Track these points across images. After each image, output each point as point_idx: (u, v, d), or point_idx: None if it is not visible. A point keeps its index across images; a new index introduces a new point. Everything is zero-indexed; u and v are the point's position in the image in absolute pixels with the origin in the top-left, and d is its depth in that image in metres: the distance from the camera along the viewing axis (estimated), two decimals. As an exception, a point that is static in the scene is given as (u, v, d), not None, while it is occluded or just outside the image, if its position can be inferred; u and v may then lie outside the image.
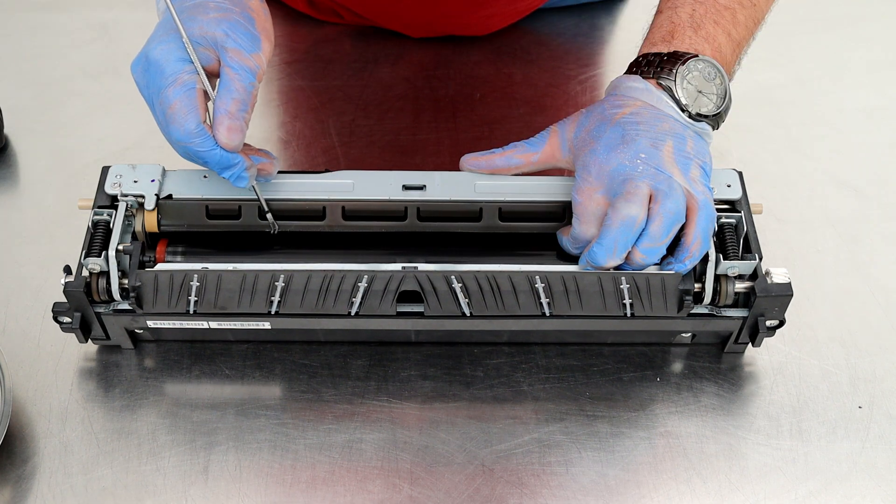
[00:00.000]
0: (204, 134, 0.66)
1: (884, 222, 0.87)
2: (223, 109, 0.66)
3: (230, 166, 0.68)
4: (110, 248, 0.71)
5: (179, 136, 0.66)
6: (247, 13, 0.68)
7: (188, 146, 0.67)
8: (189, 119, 0.66)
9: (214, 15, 0.67)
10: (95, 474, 0.70)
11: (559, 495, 0.69)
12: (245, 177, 0.69)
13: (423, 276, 0.70)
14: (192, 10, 0.67)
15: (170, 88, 0.66)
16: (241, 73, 0.66)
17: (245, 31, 0.67)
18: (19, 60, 1.02)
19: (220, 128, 0.66)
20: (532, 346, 0.77)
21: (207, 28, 0.66)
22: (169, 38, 0.67)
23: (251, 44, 0.67)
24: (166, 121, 0.66)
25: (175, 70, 0.66)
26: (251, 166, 0.70)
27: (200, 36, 0.66)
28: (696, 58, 0.72)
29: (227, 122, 0.66)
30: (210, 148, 0.67)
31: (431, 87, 1.00)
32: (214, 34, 0.66)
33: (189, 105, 0.66)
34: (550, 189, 0.76)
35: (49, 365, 0.76)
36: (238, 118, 0.66)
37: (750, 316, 0.72)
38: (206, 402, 0.74)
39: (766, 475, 0.70)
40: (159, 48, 0.66)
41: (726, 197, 0.75)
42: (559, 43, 1.05)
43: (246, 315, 0.71)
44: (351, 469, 0.70)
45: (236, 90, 0.66)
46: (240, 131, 0.67)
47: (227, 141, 0.66)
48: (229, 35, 0.66)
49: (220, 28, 0.66)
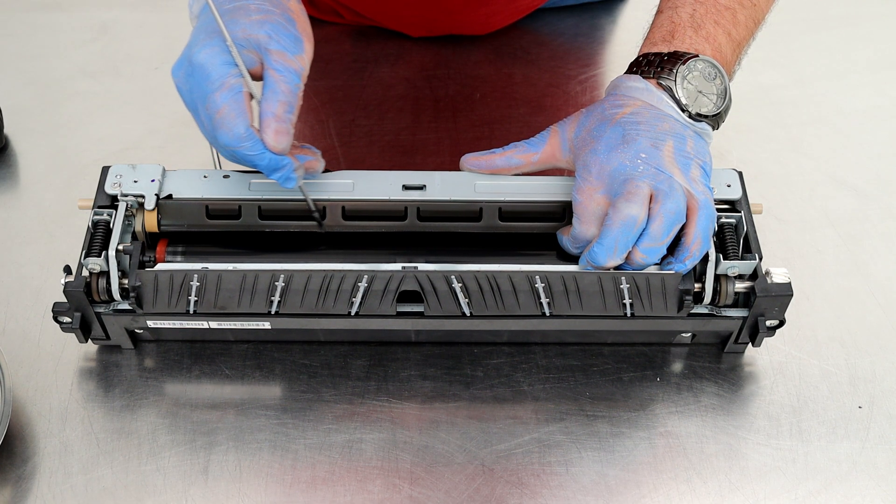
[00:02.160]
0: (253, 138, 0.66)
1: (884, 222, 0.87)
2: (270, 112, 0.66)
3: (279, 168, 0.68)
4: (110, 248, 0.70)
5: (228, 140, 0.66)
6: (287, 14, 0.68)
7: (237, 150, 0.66)
8: (238, 123, 0.65)
9: (256, 17, 0.66)
10: (95, 474, 0.70)
11: (559, 495, 0.69)
12: (293, 178, 0.69)
13: (423, 276, 0.70)
14: (232, 13, 0.67)
15: (217, 93, 0.65)
16: (286, 74, 0.66)
17: (287, 32, 0.66)
18: (19, 60, 1.02)
19: (267, 131, 0.66)
20: (532, 346, 0.77)
21: (250, 30, 0.66)
22: (212, 41, 0.66)
23: (294, 45, 0.66)
24: (214, 126, 0.66)
25: (221, 74, 0.65)
26: (299, 167, 0.69)
27: (244, 38, 0.66)
28: (696, 58, 0.72)
29: (275, 124, 0.66)
30: (259, 151, 0.66)
31: (431, 87, 1.00)
32: (258, 36, 0.66)
33: (237, 109, 0.65)
34: (550, 189, 0.76)
35: (49, 365, 0.76)
36: (285, 120, 0.66)
37: (750, 316, 0.72)
38: (206, 402, 0.74)
39: (766, 475, 0.70)
40: (203, 52, 0.66)
41: (726, 197, 0.75)
42: (559, 43, 1.05)
43: (246, 315, 0.71)
44: (351, 469, 0.70)
45: (282, 92, 0.66)
46: (287, 134, 0.66)
47: (274, 144, 0.66)
48: (272, 37, 0.66)
49: (263, 30, 0.66)
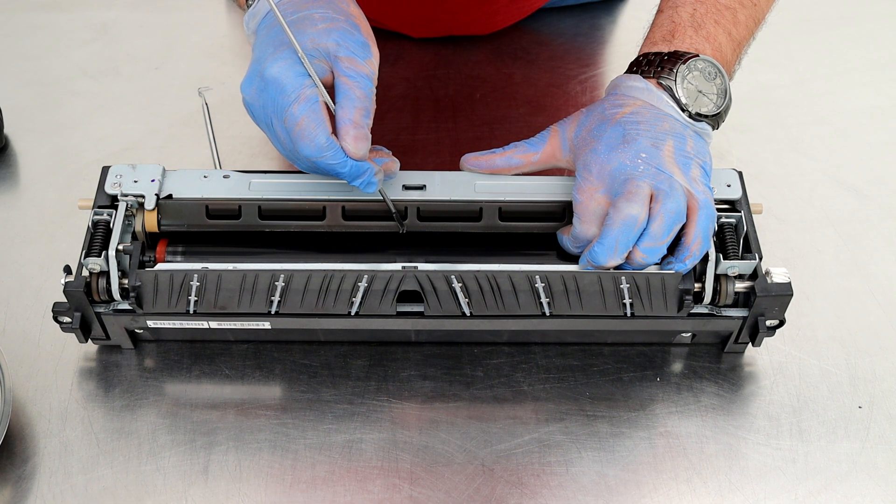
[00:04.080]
0: (334, 147, 0.66)
1: (884, 222, 0.87)
2: (347, 119, 0.66)
3: (361, 174, 0.68)
4: (110, 247, 0.70)
5: (310, 152, 0.66)
6: (351, 20, 0.68)
7: (318, 161, 0.66)
8: (319, 134, 0.65)
9: (322, 26, 0.66)
10: (95, 474, 0.70)
11: (559, 495, 0.69)
12: (374, 182, 0.69)
13: (423, 275, 0.70)
14: (298, 24, 0.67)
15: (294, 105, 0.65)
16: (358, 80, 0.66)
17: (354, 38, 0.67)
18: (19, 60, 1.02)
19: (346, 138, 0.66)
20: (532, 346, 0.77)
21: (318, 39, 0.66)
22: (283, 54, 0.66)
23: (363, 50, 0.67)
24: (293, 138, 0.66)
25: (296, 86, 0.65)
26: (378, 170, 0.69)
27: (313, 48, 0.66)
28: (696, 57, 0.72)
29: (353, 131, 0.66)
30: (342, 160, 0.66)
31: (431, 87, 1.00)
32: (326, 45, 0.66)
33: (317, 120, 0.65)
34: (550, 189, 0.76)
35: (49, 365, 0.76)
36: (362, 126, 0.66)
37: (750, 316, 0.72)
38: (206, 402, 0.74)
39: (766, 475, 0.70)
40: (276, 66, 0.65)
41: (726, 197, 0.75)
42: (559, 43, 1.05)
43: (246, 315, 0.71)
44: (351, 469, 0.70)
45: (357, 98, 0.66)
46: (366, 139, 0.66)
47: (354, 150, 0.66)
48: (341, 44, 0.66)
49: (332, 38, 0.66)
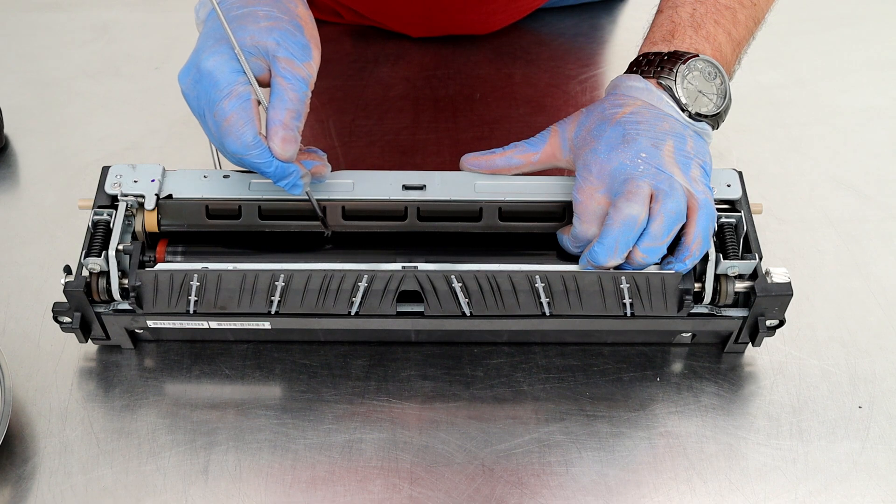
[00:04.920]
0: (260, 146, 0.66)
1: (884, 222, 0.87)
2: (277, 120, 0.66)
3: (286, 176, 0.68)
4: (110, 247, 0.70)
5: (236, 148, 0.66)
6: (296, 21, 0.68)
7: (244, 158, 0.66)
8: (246, 131, 0.65)
9: (265, 24, 0.66)
10: (95, 474, 0.70)
11: (559, 495, 0.69)
12: (300, 184, 0.69)
13: (423, 275, 0.70)
14: (241, 20, 0.67)
15: (225, 101, 0.65)
16: (293, 82, 0.66)
17: (296, 39, 0.66)
18: (19, 60, 1.02)
19: (274, 139, 0.66)
20: (532, 346, 0.77)
21: (258, 37, 0.66)
22: (220, 48, 0.66)
23: (303, 52, 0.66)
24: (221, 133, 0.66)
25: (230, 82, 0.65)
26: (306, 173, 0.69)
27: (252, 45, 0.66)
28: (696, 57, 0.72)
29: (282, 132, 0.66)
30: (267, 159, 0.66)
31: (431, 87, 1.00)
32: (266, 43, 0.66)
33: (245, 117, 0.65)
34: (550, 189, 0.76)
35: (49, 365, 0.76)
36: (292, 128, 0.66)
37: (750, 315, 0.72)
38: (206, 402, 0.74)
39: (766, 475, 0.70)
40: (212, 59, 0.66)
41: (726, 197, 0.75)
42: (559, 43, 1.05)
43: (246, 315, 0.71)
44: (351, 469, 0.70)
45: (290, 100, 0.66)
46: (294, 142, 0.66)
47: (281, 152, 0.66)
48: (281, 44, 0.66)
49: (272, 37, 0.66)
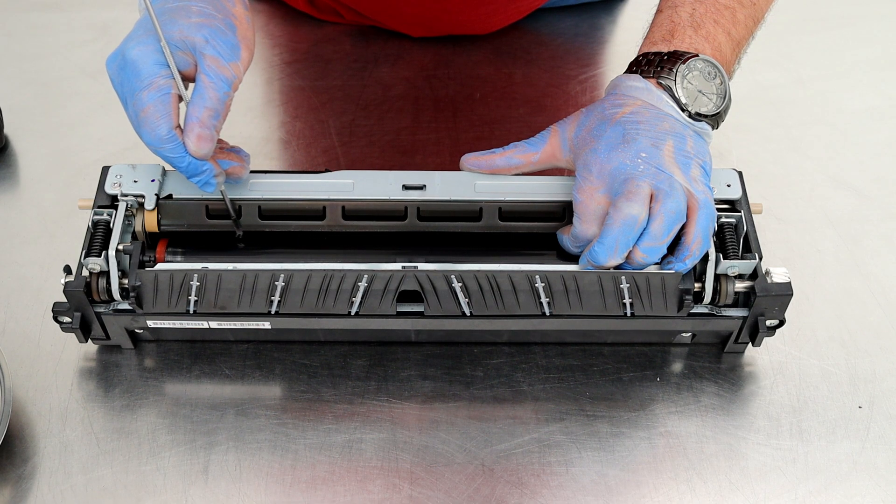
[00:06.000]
0: (174, 140, 0.66)
1: (884, 222, 0.87)
2: (195, 117, 0.65)
3: (198, 173, 0.68)
4: (110, 247, 0.70)
5: (150, 140, 0.66)
6: (229, 20, 0.67)
7: (158, 151, 0.67)
8: (161, 125, 0.65)
9: (196, 20, 0.66)
10: (95, 474, 0.70)
11: (559, 495, 0.69)
12: (213, 183, 0.69)
13: (423, 275, 0.70)
14: (173, 13, 0.66)
15: (144, 92, 0.65)
16: (216, 81, 0.65)
17: (225, 38, 0.66)
18: (19, 60, 1.02)
19: (190, 135, 0.66)
20: (532, 346, 0.77)
21: (187, 32, 0.66)
22: (148, 39, 0.66)
23: (230, 52, 0.66)
24: (138, 123, 0.66)
25: (151, 73, 0.65)
26: (220, 173, 0.69)
27: (180, 40, 0.66)
28: (696, 57, 0.72)
29: (198, 130, 0.66)
30: (180, 154, 0.66)
31: (431, 87, 1.00)
32: (194, 39, 0.66)
33: (162, 111, 0.65)
34: (550, 189, 0.76)
35: (49, 365, 0.76)
36: (208, 127, 0.66)
37: (750, 315, 0.72)
38: (206, 402, 0.74)
39: (766, 475, 0.70)
40: (137, 49, 0.66)
41: (726, 197, 0.75)
42: (559, 43, 1.05)
43: (246, 315, 0.71)
44: (351, 469, 0.70)
45: (209, 99, 0.66)
46: (209, 140, 0.66)
47: (195, 149, 0.66)
48: (209, 42, 0.65)
49: (201, 34, 0.66)
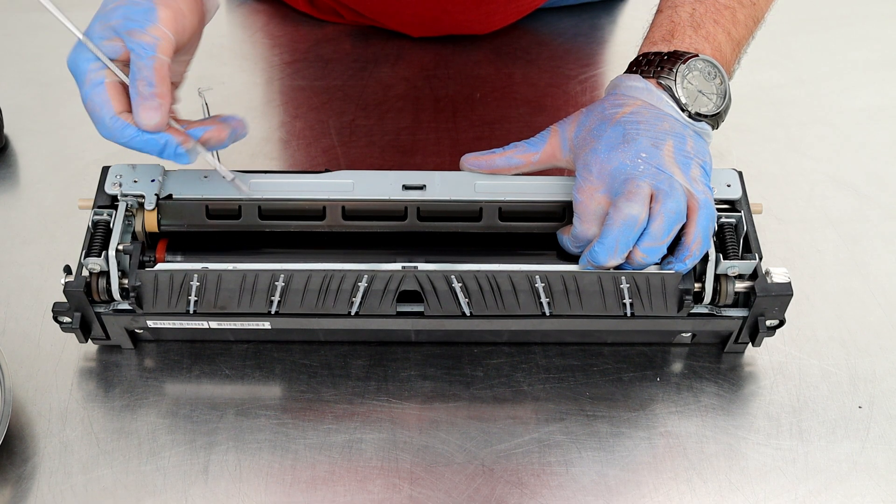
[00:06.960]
0: (119, 123, 0.66)
1: (884, 222, 0.87)
2: (134, 94, 0.65)
3: (161, 147, 0.67)
4: (110, 247, 0.70)
5: (100, 130, 0.66)
6: None
7: (116, 140, 0.67)
8: (103, 114, 0.66)
9: (112, 5, 0.67)
10: (95, 474, 0.70)
11: (559, 495, 0.69)
12: (183, 153, 0.68)
13: (423, 275, 0.70)
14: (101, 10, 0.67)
15: (83, 89, 0.66)
16: (137, 50, 0.65)
17: (138, 7, 0.66)
18: (19, 60, 1.02)
19: (136, 111, 0.66)
20: (532, 346, 0.77)
21: (107, 19, 0.66)
22: (77, 42, 0.67)
23: (145, 17, 0.65)
24: (92, 121, 0.67)
25: (83, 71, 0.66)
26: (186, 140, 0.68)
27: (103, 29, 0.66)
28: (696, 57, 0.72)
29: (141, 102, 0.65)
30: (132, 135, 0.66)
31: (431, 87, 1.00)
32: (113, 23, 0.66)
33: (99, 101, 0.66)
34: (550, 189, 0.76)
35: (49, 365, 0.76)
36: (149, 97, 0.65)
37: (750, 315, 0.72)
38: (206, 402, 0.74)
39: (766, 475, 0.70)
40: (70, 55, 0.67)
41: (726, 197, 0.75)
42: (559, 43, 1.05)
43: (246, 315, 0.71)
44: (351, 469, 0.70)
45: (139, 69, 0.65)
46: (155, 109, 0.65)
47: (145, 122, 0.65)
48: (125, 19, 0.66)
49: (117, 15, 0.66)
